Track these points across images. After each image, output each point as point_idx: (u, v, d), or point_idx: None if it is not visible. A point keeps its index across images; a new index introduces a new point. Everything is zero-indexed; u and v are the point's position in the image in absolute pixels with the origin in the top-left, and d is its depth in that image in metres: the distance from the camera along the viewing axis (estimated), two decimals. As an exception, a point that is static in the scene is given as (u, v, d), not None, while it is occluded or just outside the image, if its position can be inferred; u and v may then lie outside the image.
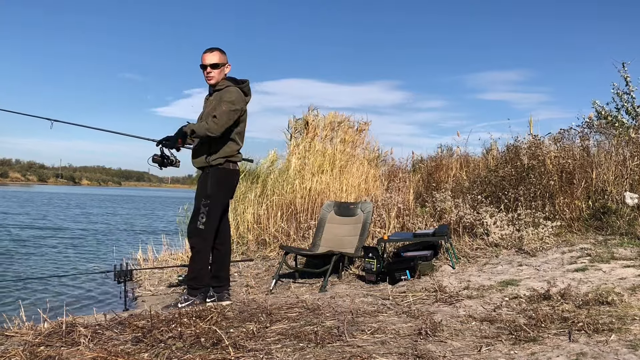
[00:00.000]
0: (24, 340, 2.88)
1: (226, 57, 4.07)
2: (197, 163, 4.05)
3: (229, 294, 4.15)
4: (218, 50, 4.05)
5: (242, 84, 4.06)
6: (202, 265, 4.00)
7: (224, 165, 3.97)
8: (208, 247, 4.02)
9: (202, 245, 3.98)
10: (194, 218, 3.99)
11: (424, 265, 4.64)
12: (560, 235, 5.29)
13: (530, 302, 3.45)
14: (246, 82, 4.09)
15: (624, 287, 3.61)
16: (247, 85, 4.08)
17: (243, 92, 4.04)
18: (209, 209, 3.94)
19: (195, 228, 3.96)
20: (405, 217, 6.48)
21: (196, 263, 4.00)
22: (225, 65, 4.05)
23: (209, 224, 3.96)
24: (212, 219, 3.97)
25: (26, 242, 10.64)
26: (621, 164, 5.94)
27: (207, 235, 3.98)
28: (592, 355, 2.44)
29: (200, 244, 3.98)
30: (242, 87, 4.04)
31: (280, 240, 6.66)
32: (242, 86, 4.05)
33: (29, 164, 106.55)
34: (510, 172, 6.33)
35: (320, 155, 7.92)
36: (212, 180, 3.96)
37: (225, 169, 3.99)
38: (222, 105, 3.87)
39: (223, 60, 4.03)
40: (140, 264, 6.68)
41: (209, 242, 4.01)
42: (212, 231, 4.01)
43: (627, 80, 8.17)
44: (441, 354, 2.56)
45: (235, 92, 3.95)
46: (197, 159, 4.03)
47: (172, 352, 2.63)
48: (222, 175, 3.99)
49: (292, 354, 2.61)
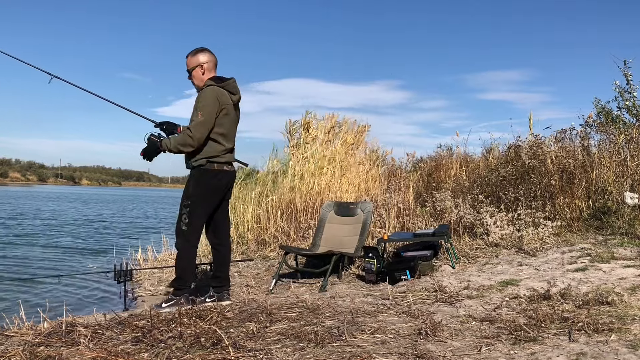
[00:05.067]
0: (24, 340, 2.88)
1: (200, 57, 3.95)
2: (186, 165, 4.04)
3: (229, 294, 4.14)
4: (189, 54, 3.99)
5: (225, 82, 3.93)
6: (185, 265, 3.95)
7: (205, 166, 3.89)
8: (191, 247, 3.96)
9: (185, 245, 3.93)
10: (178, 219, 3.97)
11: (424, 265, 4.64)
12: (560, 235, 5.29)
13: (530, 302, 3.45)
14: (229, 81, 3.95)
15: (624, 287, 3.61)
16: (230, 84, 3.95)
17: (228, 91, 3.93)
18: (190, 210, 3.89)
19: (179, 229, 3.94)
20: (405, 217, 6.47)
21: (179, 264, 3.97)
22: (198, 67, 3.94)
23: (192, 225, 3.91)
24: (195, 220, 3.92)
25: (28, 240, 10.64)
26: (621, 164, 5.94)
27: (189, 237, 3.92)
28: (592, 355, 2.44)
29: (182, 245, 3.93)
30: (225, 86, 3.92)
31: (280, 240, 6.66)
32: (224, 84, 3.93)
33: (29, 164, 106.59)
34: (510, 172, 6.33)
35: (320, 157, 7.93)
36: (193, 181, 3.93)
37: (208, 169, 3.90)
38: (195, 115, 3.81)
39: (192, 65, 3.95)
40: (140, 264, 6.67)
41: (192, 243, 3.96)
42: (196, 232, 3.96)
43: (629, 79, 8.15)
44: (441, 354, 2.56)
45: (208, 94, 3.84)
46: (186, 161, 4.02)
47: (172, 352, 2.63)
48: (203, 176, 3.91)
49: (292, 354, 2.61)
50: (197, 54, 3.97)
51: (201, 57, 3.97)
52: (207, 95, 3.84)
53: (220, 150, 3.93)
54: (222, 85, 3.92)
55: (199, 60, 3.96)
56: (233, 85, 3.98)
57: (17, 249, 9.44)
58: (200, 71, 3.96)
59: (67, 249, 9.75)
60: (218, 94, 3.86)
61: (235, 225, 7.20)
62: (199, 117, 3.79)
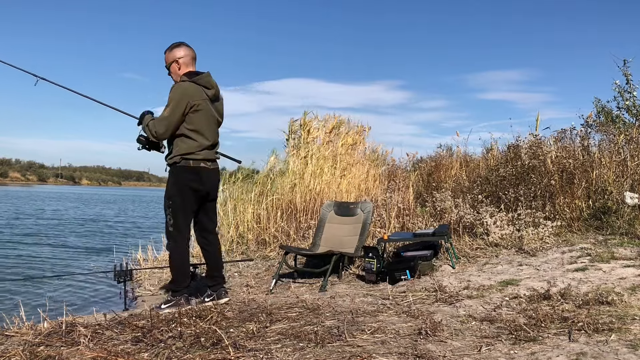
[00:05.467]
0: (24, 340, 2.88)
1: (175, 52, 3.91)
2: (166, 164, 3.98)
3: (226, 291, 4.13)
4: (167, 50, 3.96)
5: (197, 77, 3.85)
6: (178, 266, 3.91)
7: (180, 163, 3.81)
8: (181, 248, 3.89)
9: (174, 246, 3.88)
10: (165, 221, 3.91)
11: (424, 265, 4.64)
12: (560, 235, 5.29)
13: (530, 302, 3.45)
14: (202, 75, 3.87)
15: (624, 287, 3.61)
16: (203, 79, 3.86)
17: (201, 85, 3.83)
18: (172, 210, 3.84)
19: (167, 231, 3.90)
20: (405, 217, 6.47)
21: (172, 265, 3.95)
22: (174, 63, 3.91)
23: (176, 225, 3.84)
24: (179, 219, 3.85)
25: (29, 240, 10.64)
26: (621, 164, 5.95)
27: (177, 237, 3.86)
28: (592, 355, 2.44)
29: (172, 246, 3.90)
30: (197, 81, 3.83)
31: (280, 240, 6.66)
32: (196, 79, 3.83)
33: (29, 164, 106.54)
34: (510, 172, 6.33)
35: (320, 157, 7.93)
36: (170, 180, 3.87)
37: (183, 166, 3.82)
38: (165, 109, 3.78)
39: (168, 61, 3.94)
40: (140, 264, 6.67)
41: (180, 244, 3.89)
42: (182, 231, 3.88)
43: (628, 78, 8.15)
44: (441, 353, 2.56)
45: (176, 91, 3.79)
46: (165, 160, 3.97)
47: (172, 352, 2.63)
48: (178, 174, 3.84)
49: (292, 354, 2.61)
50: (174, 49, 3.94)
51: (177, 52, 3.93)
52: (174, 91, 3.79)
53: (194, 147, 3.82)
54: (194, 80, 3.83)
55: (175, 55, 3.92)
56: (207, 79, 3.88)
57: (17, 249, 9.44)
58: (176, 66, 3.92)
59: (67, 249, 9.74)
60: (188, 90, 3.78)
61: (235, 225, 7.21)
62: (164, 112, 3.77)
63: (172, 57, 3.93)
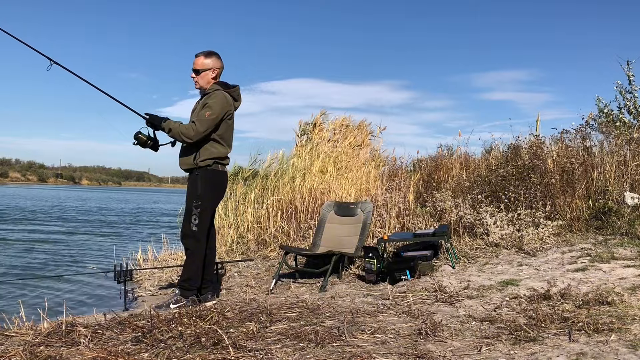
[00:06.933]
0: (24, 340, 2.88)
1: (214, 61, 4.05)
2: (184, 165, 4.06)
3: (213, 295, 4.22)
4: (203, 55, 4.05)
5: (232, 88, 4.09)
6: (196, 266, 4.03)
7: (212, 167, 4.00)
8: (202, 248, 4.03)
9: (196, 246, 4.00)
10: (186, 219, 4.01)
11: (424, 265, 4.64)
12: (560, 235, 5.29)
13: (530, 302, 3.45)
14: (236, 88, 4.12)
15: (624, 287, 3.61)
16: (236, 91, 4.12)
17: (232, 97, 4.07)
18: (201, 210, 3.97)
19: (189, 230, 3.99)
20: (405, 217, 6.47)
21: (191, 264, 4.02)
22: (210, 70, 4.04)
23: (202, 225, 3.99)
24: (204, 220, 4.01)
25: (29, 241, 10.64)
26: (622, 164, 5.94)
27: (200, 237, 4.01)
28: (592, 355, 2.44)
29: (194, 245, 4.00)
30: (231, 92, 4.07)
31: (280, 240, 6.66)
32: (231, 91, 4.07)
33: (29, 164, 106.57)
34: (511, 172, 6.33)
35: (325, 157, 7.94)
36: (202, 181, 3.98)
37: (214, 170, 4.01)
38: (203, 112, 3.90)
39: (205, 67, 4.03)
40: (140, 264, 6.67)
41: (202, 244, 4.03)
42: (205, 232, 4.04)
43: (631, 79, 8.15)
44: (441, 354, 2.56)
45: (219, 97, 3.97)
46: (185, 161, 4.04)
47: (172, 352, 2.62)
48: (212, 176, 4.01)
49: (292, 354, 2.61)
50: (212, 57, 4.06)
51: (217, 62, 4.08)
52: (219, 98, 3.97)
53: (223, 153, 4.05)
54: (229, 92, 4.05)
55: (215, 64, 4.06)
56: (238, 92, 4.14)
57: (17, 249, 9.44)
58: (211, 74, 4.06)
59: (68, 249, 9.74)
60: (228, 99, 4.01)
61: (235, 225, 7.21)
62: (207, 115, 3.89)
63: (210, 65, 4.05)
